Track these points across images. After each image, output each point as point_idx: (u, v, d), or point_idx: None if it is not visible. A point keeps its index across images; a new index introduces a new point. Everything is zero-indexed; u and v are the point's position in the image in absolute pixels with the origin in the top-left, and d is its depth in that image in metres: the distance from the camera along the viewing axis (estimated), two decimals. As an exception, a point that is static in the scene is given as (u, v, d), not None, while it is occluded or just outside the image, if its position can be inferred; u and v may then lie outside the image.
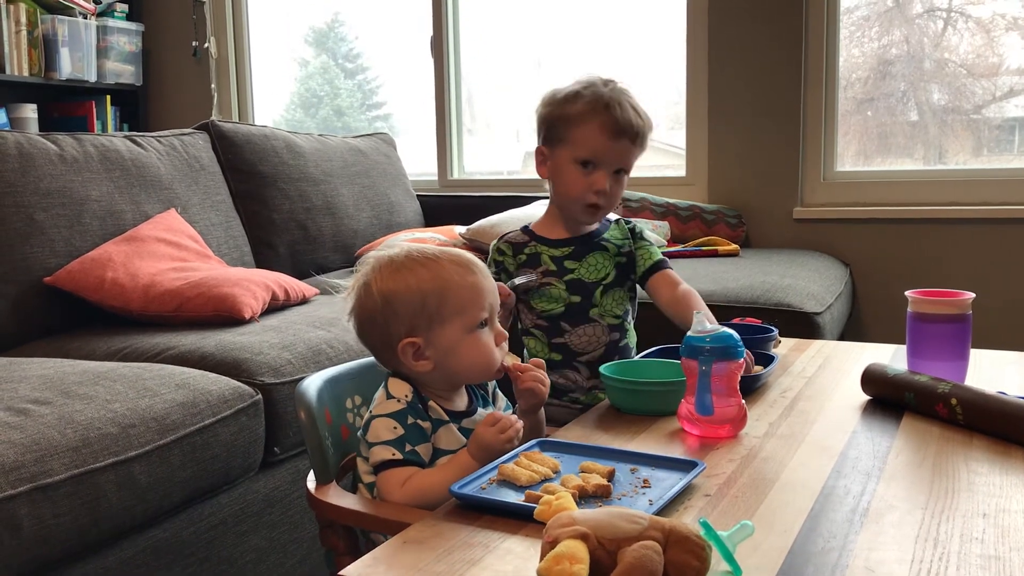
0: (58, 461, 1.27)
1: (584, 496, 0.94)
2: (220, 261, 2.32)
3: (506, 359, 1.20)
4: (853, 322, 3.00)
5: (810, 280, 2.45)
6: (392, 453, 1.10)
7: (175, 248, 2.19)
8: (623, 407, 1.28)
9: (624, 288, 1.59)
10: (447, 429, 1.15)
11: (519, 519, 0.89)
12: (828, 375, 1.46)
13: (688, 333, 1.17)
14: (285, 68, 4.34)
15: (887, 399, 1.28)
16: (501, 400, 1.29)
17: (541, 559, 0.74)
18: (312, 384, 1.22)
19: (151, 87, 4.24)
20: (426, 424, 1.14)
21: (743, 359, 1.16)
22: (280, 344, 1.80)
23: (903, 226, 3.01)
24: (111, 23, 3.95)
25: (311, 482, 1.17)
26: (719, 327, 1.18)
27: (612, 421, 1.24)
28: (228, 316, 1.95)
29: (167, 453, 1.43)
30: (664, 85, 3.60)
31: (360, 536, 1.16)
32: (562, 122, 1.52)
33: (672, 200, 3.17)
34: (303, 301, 2.24)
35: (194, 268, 2.13)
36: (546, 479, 0.99)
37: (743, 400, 1.17)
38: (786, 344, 1.68)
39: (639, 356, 1.49)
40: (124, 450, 1.37)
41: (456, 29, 3.77)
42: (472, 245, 2.63)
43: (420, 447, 1.12)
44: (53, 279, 2.02)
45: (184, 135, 2.59)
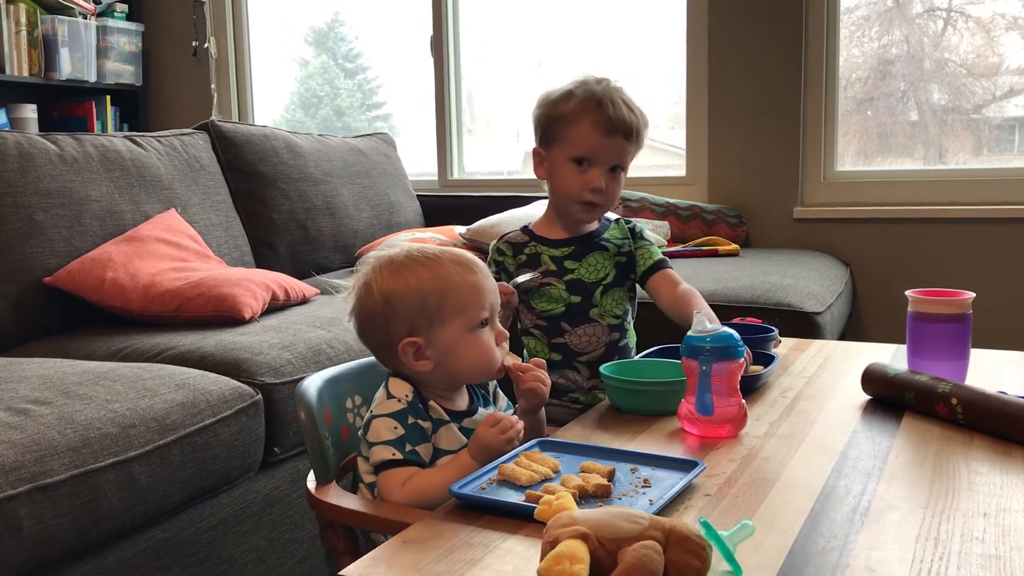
0: (58, 461, 1.27)
1: (584, 496, 0.94)
2: (220, 261, 2.32)
3: (507, 359, 1.20)
4: (853, 322, 3.00)
5: (810, 280, 2.45)
6: (392, 453, 1.10)
7: (175, 248, 2.19)
8: (623, 407, 1.28)
9: (624, 288, 1.59)
10: (448, 429, 1.15)
11: (519, 519, 0.89)
12: (828, 375, 1.46)
13: (688, 333, 1.17)
14: (285, 68, 4.34)
15: (887, 399, 1.28)
16: (502, 400, 1.29)
17: (541, 559, 0.74)
18: (312, 384, 1.22)
19: (151, 87, 4.24)
20: (426, 424, 1.14)
21: (743, 359, 1.16)
22: (280, 344, 1.80)
23: (903, 226, 3.01)
24: (111, 23, 3.95)
25: (311, 482, 1.17)
26: (719, 327, 1.18)
27: (612, 421, 1.24)
28: (228, 316, 1.95)
29: (167, 453, 1.43)
30: (664, 85, 3.60)
31: (360, 536, 1.16)
32: (556, 121, 1.52)
33: (672, 200, 3.17)
34: (303, 301, 2.24)
35: (194, 268, 2.13)
36: (546, 479, 0.99)
37: (743, 400, 1.17)
38: (786, 344, 1.68)
39: (639, 356, 1.48)
40: (124, 450, 1.37)
41: (456, 29, 3.77)
42: (472, 245, 2.62)
43: (420, 447, 1.12)
44: (53, 279, 2.02)
45: (184, 135, 2.59)
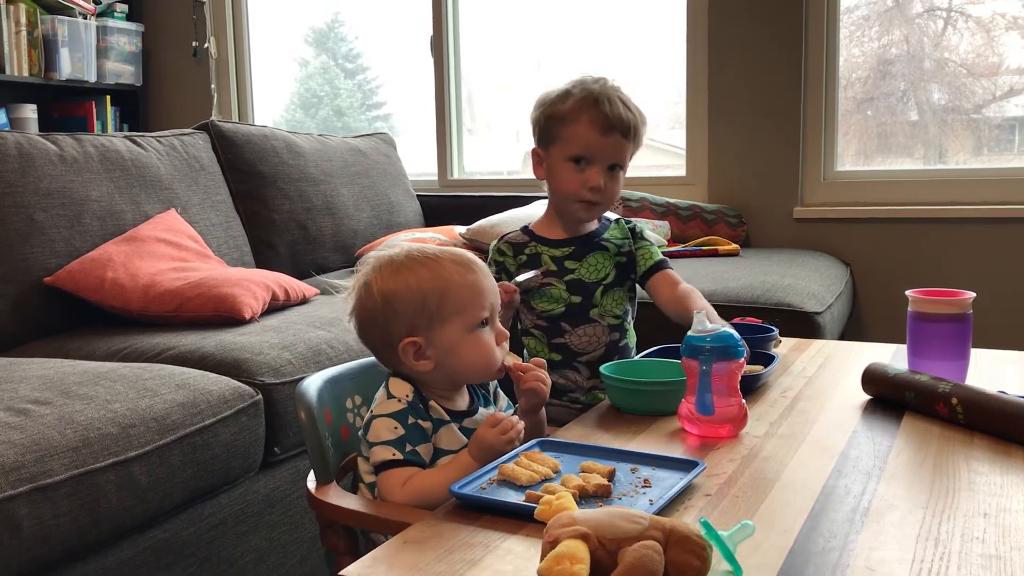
0: (58, 461, 1.27)
1: (584, 496, 0.94)
2: (220, 261, 2.32)
3: (507, 359, 1.20)
4: (853, 322, 3.00)
5: (810, 280, 2.45)
6: (393, 453, 1.10)
7: (175, 248, 2.19)
8: (623, 407, 1.28)
9: (624, 288, 1.59)
10: (448, 429, 1.15)
11: (519, 519, 0.89)
12: (828, 375, 1.46)
13: (688, 333, 1.17)
14: (285, 68, 4.34)
15: (888, 399, 1.28)
16: (502, 400, 1.29)
17: (541, 559, 0.74)
18: (312, 384, 1.22)
19: (151, 87, 4.24)
20: (427, 424, 1.14)
21: (744, 358, 1.16)
22: (280, 344, 1.80)
23: (903, 226, 3.01)
24: (111, 23, 3.94)
25: (311, 482, 1.17)
26: (720, 325, 1.18)
27: (612, 421, 1.24)
28: (228, 316, 1.95)
29: (167, 453, 1.43)
30: (664, 85, 3.60)
31: (360, 536, 1.16)
32: (554, 121, 1.52)
33: (672, 200, 3.17)
34: (303, 301, 2.24)
35: (194, 268, 2.13)
36: (546, 479, 0.99)
37: (743, 400, 1.17)
38: (786, 344, 1.68)
39: (639, 356, 1.48)
40: (124, 450, 1.37)
41: (456, 29, 3.77)
42: (472, 245, 2.62)
43: (421, 447, 1.12)
44: (53, 279, 2.02)
45: (184, 135, 2.59)
